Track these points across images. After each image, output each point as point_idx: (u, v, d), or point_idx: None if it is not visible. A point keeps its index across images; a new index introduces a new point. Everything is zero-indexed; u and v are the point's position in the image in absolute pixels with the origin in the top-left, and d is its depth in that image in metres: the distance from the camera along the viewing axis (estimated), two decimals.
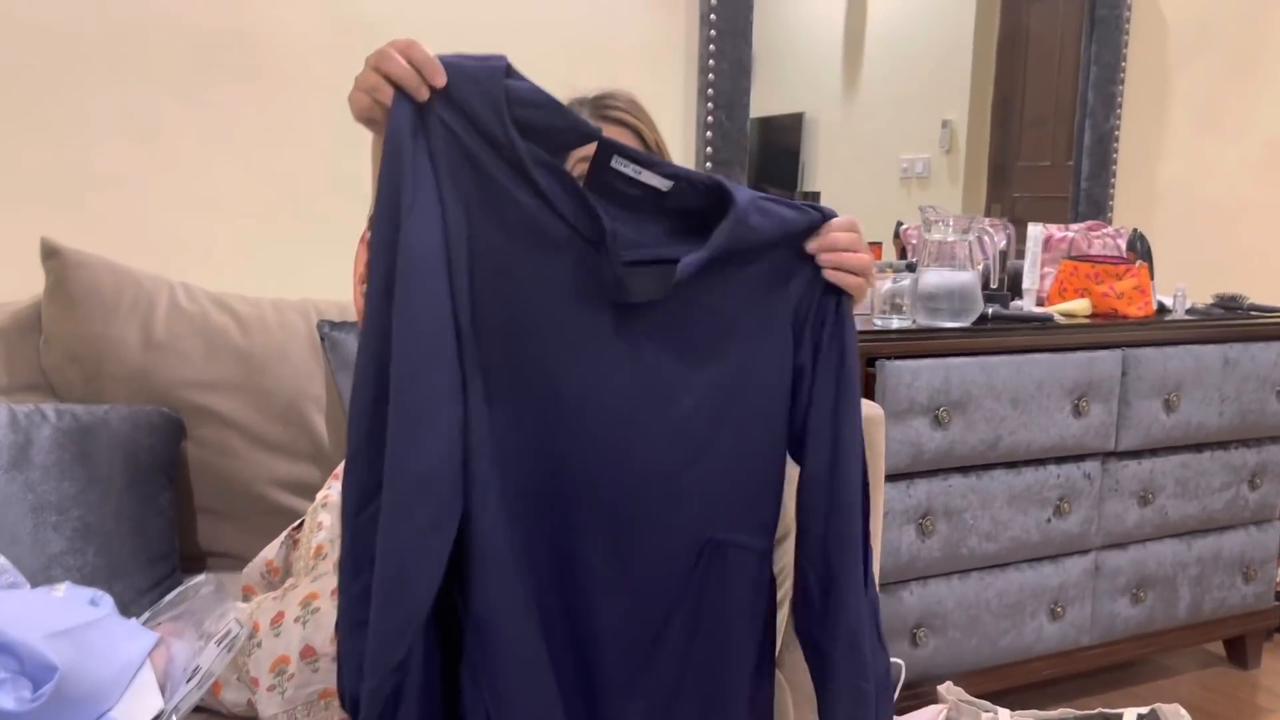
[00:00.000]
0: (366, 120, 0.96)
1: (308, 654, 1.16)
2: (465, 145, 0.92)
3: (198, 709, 1.25)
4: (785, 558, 1.32)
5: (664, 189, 0.98)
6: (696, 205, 1.00)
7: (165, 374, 1.59)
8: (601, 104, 1.44)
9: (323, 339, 1.72)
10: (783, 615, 1.40)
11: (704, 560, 1.05)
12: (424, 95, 0.90)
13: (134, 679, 1.21)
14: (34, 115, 1.77)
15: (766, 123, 2.44)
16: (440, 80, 0.90)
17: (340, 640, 1.06)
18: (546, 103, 0.94)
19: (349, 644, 1.03)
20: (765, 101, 2.38)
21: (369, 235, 0.96)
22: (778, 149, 2.53)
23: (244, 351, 1.65)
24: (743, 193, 0.99)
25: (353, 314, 1.78)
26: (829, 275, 1.04)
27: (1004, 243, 2.26)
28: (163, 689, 1.21)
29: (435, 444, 0.90)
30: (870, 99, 2.63)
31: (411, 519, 0.90)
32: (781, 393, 1.06)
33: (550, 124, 0.94)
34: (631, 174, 0.97)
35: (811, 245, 1.03)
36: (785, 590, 1.37)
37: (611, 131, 1.40)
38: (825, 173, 2.55)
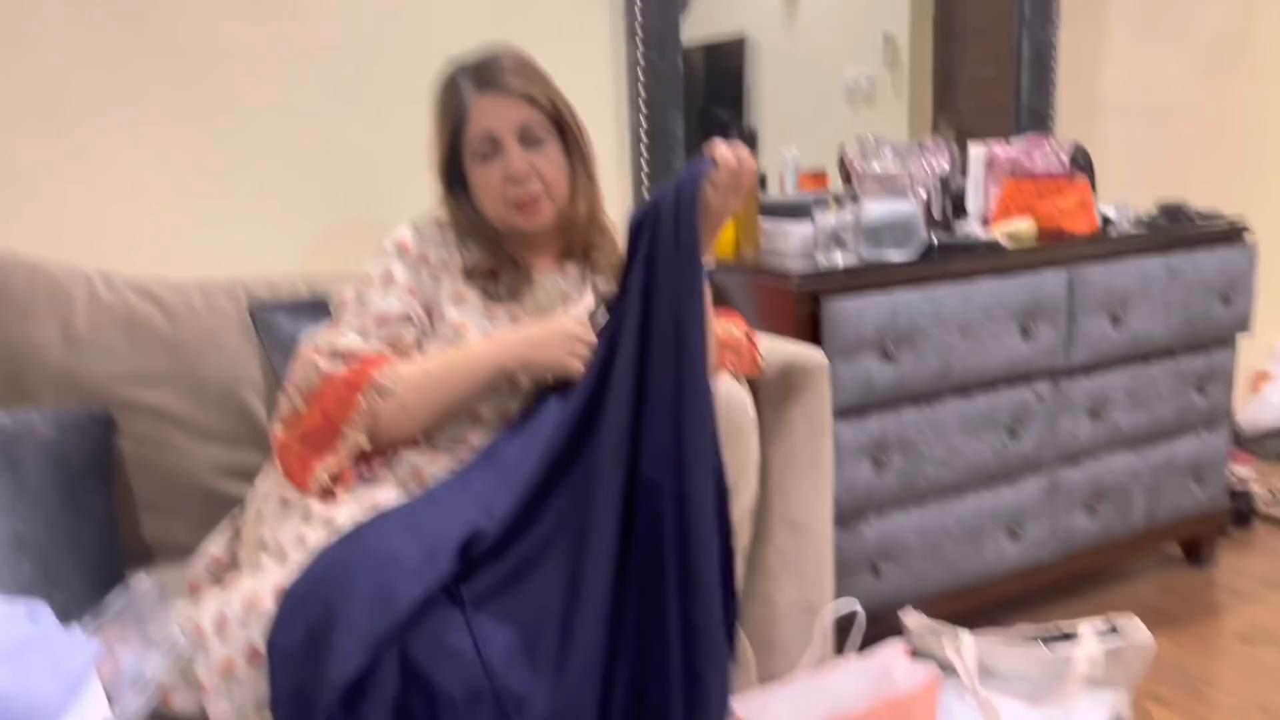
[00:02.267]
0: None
1: (253, 657, 1.14)
2: None
3: (151, 717, 1.23)
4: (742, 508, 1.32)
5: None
6: None
7: (91, 371, 1.54)
8: (485, 74, 1.41)
9: (254, 321, 1.68)
10: (739, 566, 1.41)
11: None
12: None
13: (80, 690, 1.19)
14: None
15: (710, 50, 2.39)
16: None
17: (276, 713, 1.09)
18: None
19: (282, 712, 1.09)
20: (707, 26, 2.33)
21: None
22: (722, 74, 2.48)
23: (172, 340, 1.61)
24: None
25: (285, 293, 1.73)
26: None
27: (946, 167, 2.23)
28: (110, 699, 1.19)
29: None
30: (810, 17, 2.57)
31: None
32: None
33: None
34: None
35: None
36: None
37: (500, 104, 1.38)
38: (771, 96, 2.50)
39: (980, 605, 2.15)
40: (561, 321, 1.35)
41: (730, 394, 1.36)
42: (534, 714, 1.10)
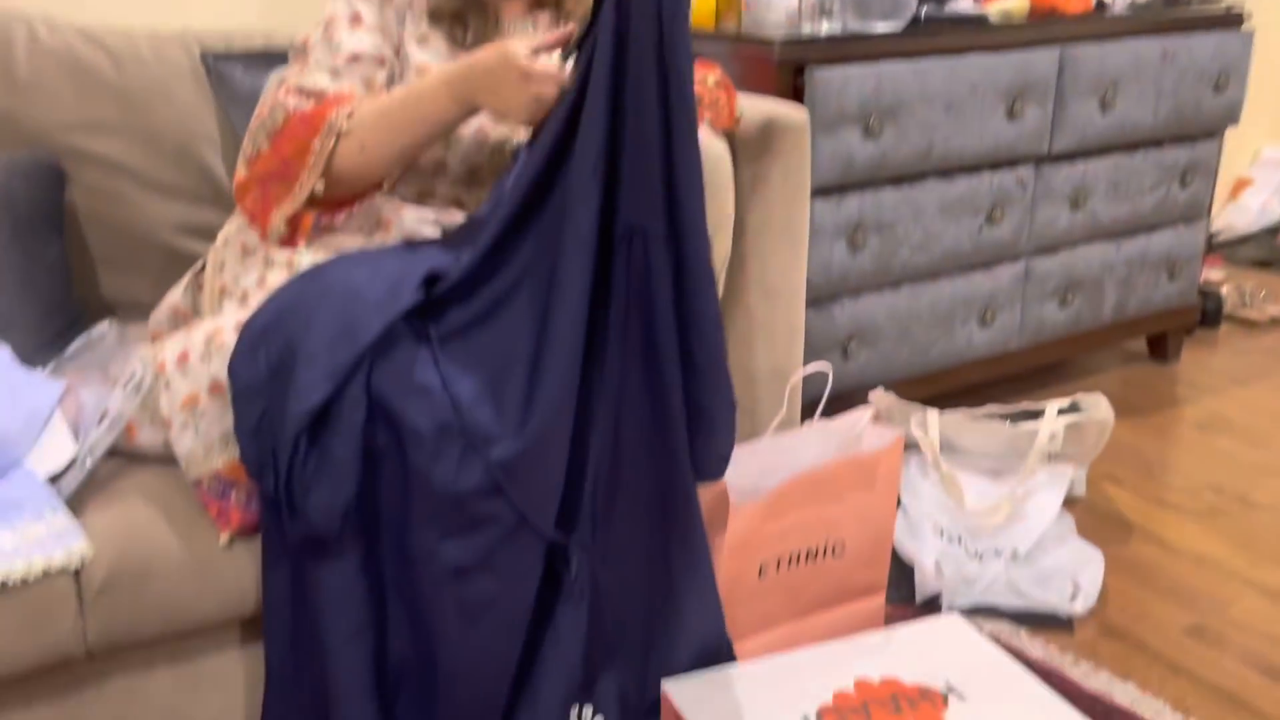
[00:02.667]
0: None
1: (216, 390, 1.13)
2: None
3: (117, 454, 1.23)
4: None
5: None
6: None
7: (35, 117, 1.47)
8: None
9: (209, 71, 1.59)
10: None
11: None
12: None
13: (45, 427, 1.18)
14: None
15: None
16: None
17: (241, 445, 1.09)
18: None
19: (249, 446, 1.09)
20: None
21: None
22: None
23: (120, 89, 1.52)
24: None
25: (240, 45, 1.64)
26: None
27: None
28: (75, 435, 1.18)
29: None
30: None
31: None
32: None
33: None
34: None
35: None
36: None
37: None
38: None
39: (947, 390, 2.18)
40: (511, 52, 1.20)
41: (706, 147, 1.31)
42: (502, 451, 1.10)
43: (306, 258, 1.21)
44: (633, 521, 1.23)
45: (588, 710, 1.27)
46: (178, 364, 1.15)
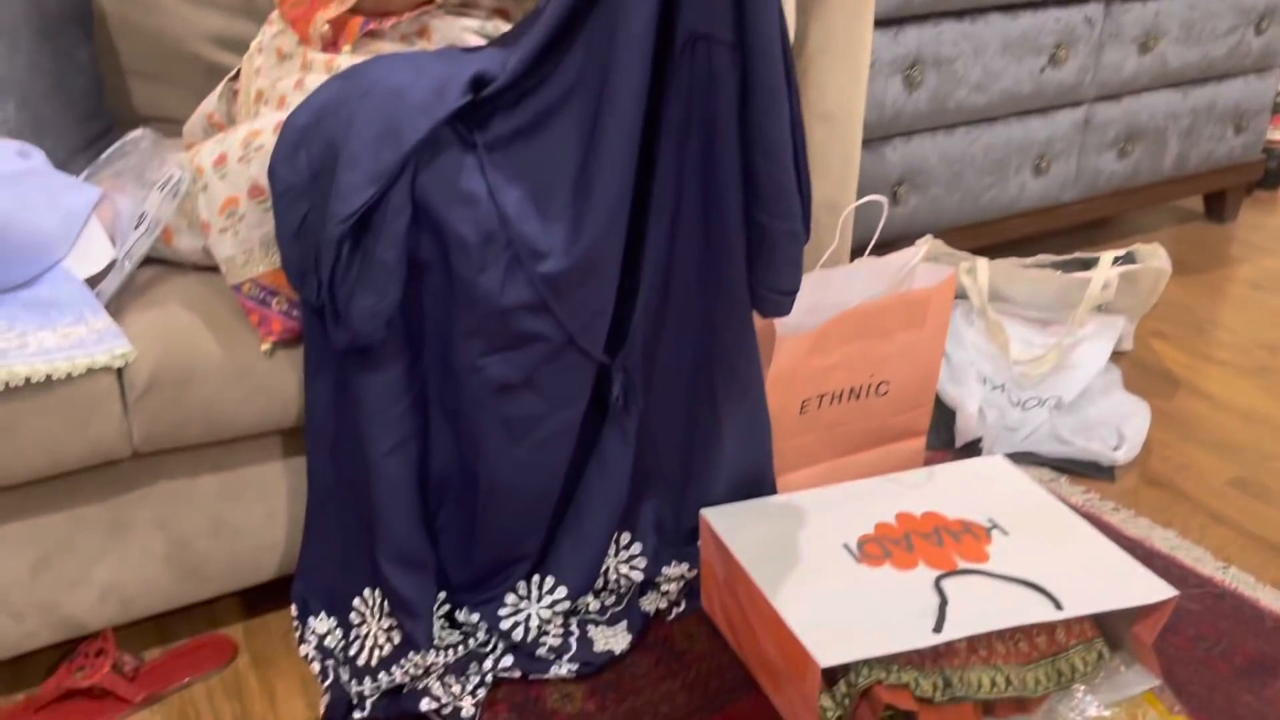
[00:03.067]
0: None
1: (256, 193, 1.09)
2: None
3: (155, 260, 1.21)
4: None
5: None
6: None
7: None
8: None
9: None
10: None
11: None
12: None
13: (82, 231, 1.16)
14: None
15: None
16: None
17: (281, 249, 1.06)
18: None
19: (290, 250, 1.06)
20: None
21: None
22: None
23: None
24: None
25: None
26: None
27: None
28: (113, 241, 1.16)
29: None
30: None
31: None
32: None
33: None
34: None
35: None
36: None
37: None
38: None
39: (994, 242, 2.12)
40: None
41: None
42: (549, 267, 1.06)
43: (345, 60, 1.16)
44: (679, 350, 1.21)
45: (625, 537, 1.28)
46: (215, 166, 1.11)
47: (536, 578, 1.21)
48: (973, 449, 1.63)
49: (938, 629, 1.07)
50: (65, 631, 1.15)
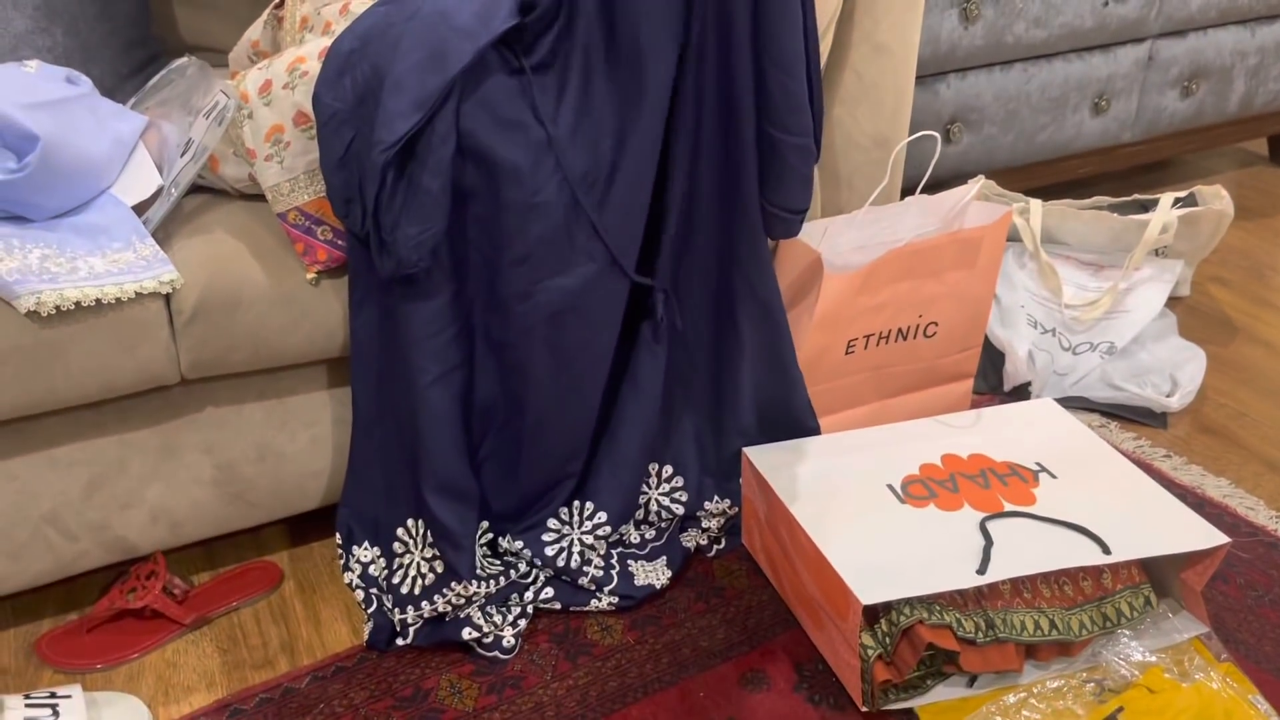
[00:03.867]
0: None
1: (301, 120, 1.08)
2: None
3: (201, 188, 1.21)
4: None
5: None
6: None
7: None
8: None
9: None
10: None
11: None
12: None
13: (129, 158, 1.16)
14: None
15: None
16: None
17: (326, 177, 1.05)
18: None
19: (335, 177, 1.05)
20: None
21: None
22: None
23: None
24: None
25: None
26: None
27: None
28: (159, 169, 1.16)
29: None
30: None
31: None
32: None
33: None
34: None
35: None
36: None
37: None
38: None
39: (1050, 183, 2.07)
40: None
41: None
42: (598, 188, 1.06)
43: None
44: (704, 274, 1.20)
45: (667, 469, 1.27)
46: (260, 93, 1.10)
47: (577, 503, 1.22)
48: (1022, 393, 1.61)
49: (981, 570, 1.06)
50: (118, 553, 1.17)
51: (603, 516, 1.21)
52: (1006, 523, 1.14)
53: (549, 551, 1.20)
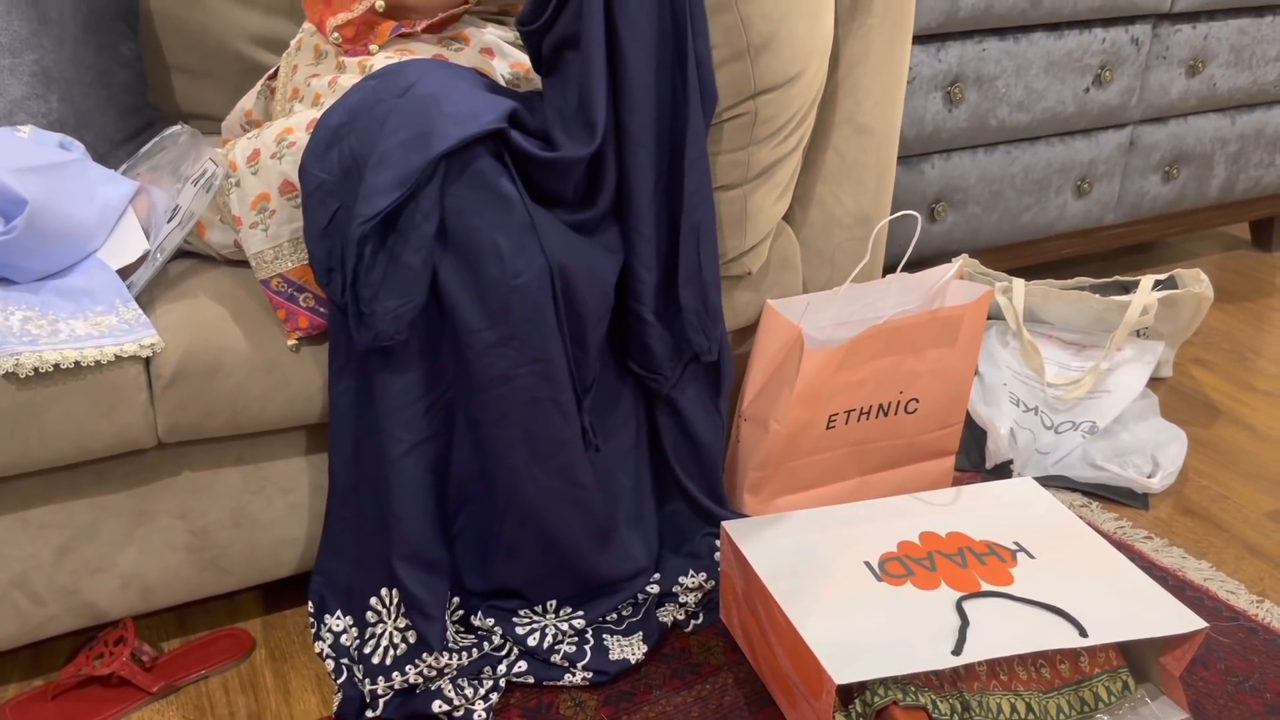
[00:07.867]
0: None
1: (287, 189, 1.10)
2: None
3: (187, 254, 1.22)
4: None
5: None
6: None
7: None
8: None
9: None
10: (793, 163, 1.33)
11: None
12: None
13: (117, 223, 1.17)
14: None
15: None
16: None
17: (309, 246, 1.08)
18: None
19: (318, 247, 1.07)
20: None
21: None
22: None
23: None
24: None
25: None
26: None
27: None
28: (147, 234, 1.17)
29: None
30: None
31: None
32: None
33: None
34: None
35: None
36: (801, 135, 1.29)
37: None
38: None
39: (1033, 263, 2.09)
40: None
41: None
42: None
43: (380, 59, 1.16)
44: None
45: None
46: (248, 162, 1.12)
47: (553, 602, 1.21)
48: (1003, 471, 1.61)
49: (957, 651, 1.05)
50: (86, 618, 1.16)
51: (580, 614, 1.20)
52: (983, 603, 1.13)
53: (519, 632, 1.19)
